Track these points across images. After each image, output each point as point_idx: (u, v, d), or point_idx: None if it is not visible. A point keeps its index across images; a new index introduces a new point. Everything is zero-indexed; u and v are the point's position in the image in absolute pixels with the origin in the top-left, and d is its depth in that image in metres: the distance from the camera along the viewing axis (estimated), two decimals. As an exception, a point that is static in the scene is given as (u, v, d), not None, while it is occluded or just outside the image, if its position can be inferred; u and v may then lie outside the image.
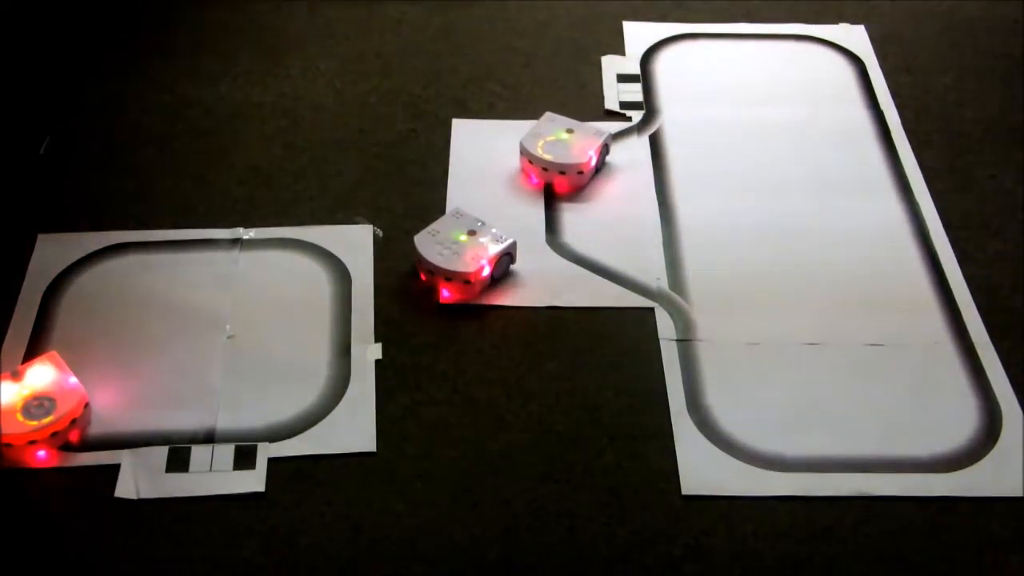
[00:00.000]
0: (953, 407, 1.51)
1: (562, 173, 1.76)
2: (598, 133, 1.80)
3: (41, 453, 1.42)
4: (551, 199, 1.78)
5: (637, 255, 1.70)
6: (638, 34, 2.11)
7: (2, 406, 1.42)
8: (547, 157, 1.76)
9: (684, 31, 2.12)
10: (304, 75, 2.01)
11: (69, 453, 1.43)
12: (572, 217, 1.76)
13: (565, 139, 1.78)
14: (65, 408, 1.43)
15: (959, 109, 1.97)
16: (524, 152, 1.78)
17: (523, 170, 1.80)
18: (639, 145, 1.89)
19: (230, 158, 1.85)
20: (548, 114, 1.83)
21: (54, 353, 1.48)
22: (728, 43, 2.10)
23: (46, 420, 1.42)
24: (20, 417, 1.42)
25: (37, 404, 1.43)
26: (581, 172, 1.77)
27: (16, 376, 1.45)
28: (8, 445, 1.40)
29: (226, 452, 1.44)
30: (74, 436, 1.44)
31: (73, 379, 1.46)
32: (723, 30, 2.12)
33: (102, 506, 1.38)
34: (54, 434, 1.42)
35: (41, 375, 1.46)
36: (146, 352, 1.55)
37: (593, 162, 1.78)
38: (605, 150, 1.80)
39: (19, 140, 1.87)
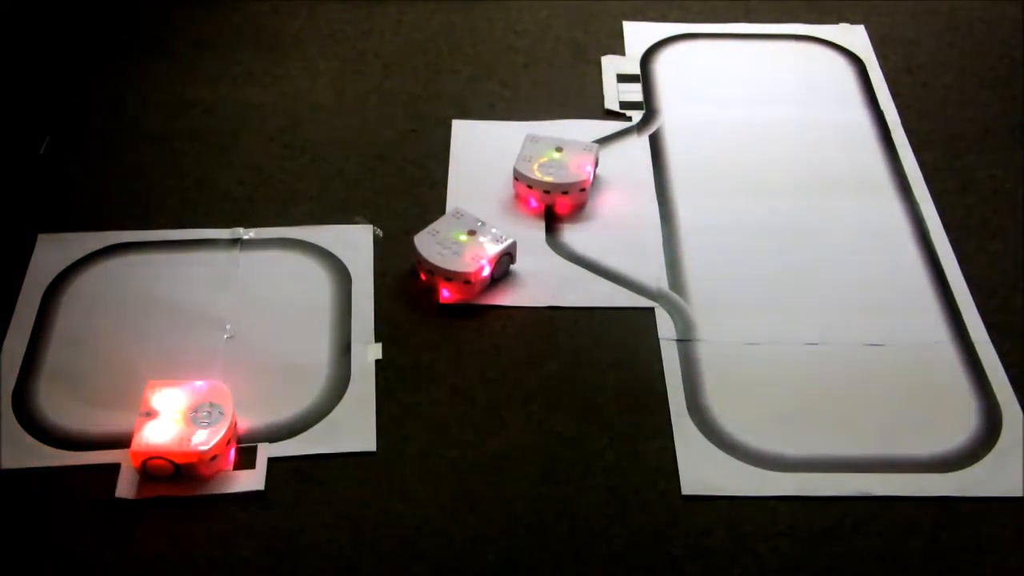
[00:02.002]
0: (953, 407, 1.51)
1: (564, 193, 1.74)
2: (588, 147, 1.79)
3: (232, 450, 1.44)
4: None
5: (637, 255, 1.70)
6: (638, 34, 2.11)
7: (177, 438, 1.39)
8: (547, 179, 1.74)
9: (684, 31, 2.12)
10: (304, 75, 2.01)
11: (72, 452, 1.44)
12: (572, 217, 1.76)
13: (559, 158, 1.76)
14: (227, 402, 1.44)
15: (959, 109, 1.97)
16: (521, 177, 1.75)
17: (519, 196, 1.77)
18: (639, 145, 1.89)
19: (230, 158, 1.85)
20: (528, 134, 1.81)
21: (151, 381, 1.46)
22: (728, 43, 2.10)
23: (227, 417, 1.42)
24: (179, 423, 1.41)
25: (204, 415, 1.42)
26: (583, 189, 1.76)
27: (150, 415, 1.42)
28: (215, 457, 1.40)
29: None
30: (241, 425, 1.46)
31: (199, 382, 1.46)
32: (723, 30, 2.12)
33: (102, 506, 1.38)
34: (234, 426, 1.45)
35: (170, 398, 1.44)
36: (146, 352, 1.55)
37: (592, 177, 1.77)
38: (596, 162, 1.79)
39: (19, 140, 1.87)
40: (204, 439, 1.39)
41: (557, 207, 1.76)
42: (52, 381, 1.52)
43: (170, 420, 1.41)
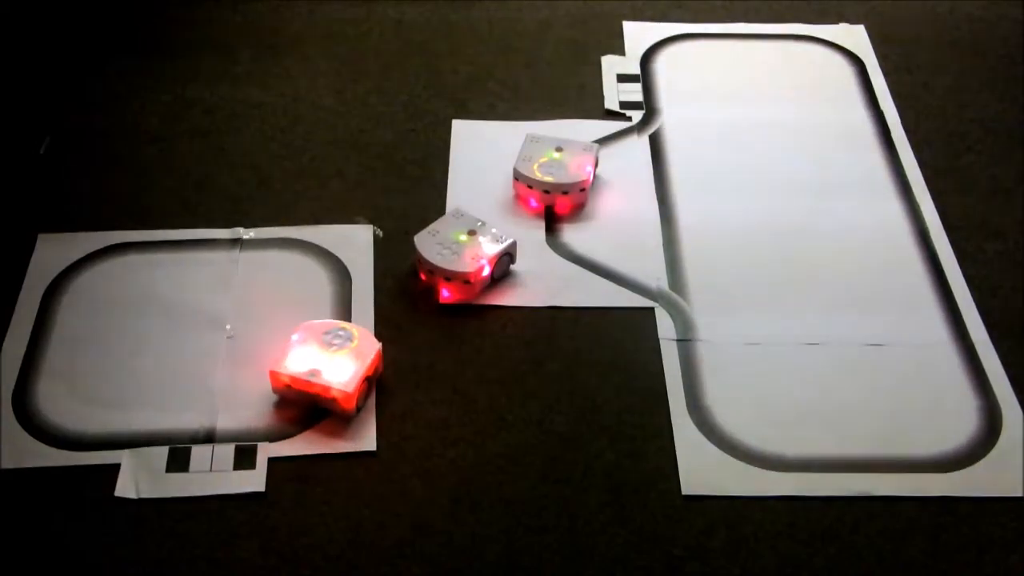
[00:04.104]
0: (953, 407, 1.51)
1: (564, 193, 1.74)
2: (588, 147, 1.79)
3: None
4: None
5: (637, 255, 1.70)
6: (638, 34, 2.12)
7: (353, 364, 1.47)
8: (547, 179, 1.73)
9: (684, 31, 2.12)
10: (304, 75, 2.01)
11: (72, 452, 1.44)
12: (572, 217, 1.76)
13: (559, 158, 1.76)
14: (333, 323, 1.52)
15: (959, 109, 1.97)
16: (521, 178, 1.75)
17: (519, 196, 1.77)
18: (639, 145, 1.89)
19: (230, 158, 1.85)
20: (528, 134, 1.81)
21: (272, 371, 1.48)
22: (728, 43, 2.10)
23: (348, 325, 1.52)
24: (345, 351, 1.48)
25: (337, 340, 1.49)
26: (583, 190, 1.75)
27: (315, 373, 1.46)
28: (376, 374, 1.49)
29: (226, 452, 1.44)
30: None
31: (293, 336, 1.51)
32: (723, 30, 2.12)
33: (102, 506, 1.38)
34: None
35: (301, 356, 1.48)
36: (146, 352, 1.55)
37: (592, 177, 1.77)
38: (596, 162, 1.79)
39: (19, 140, 1.87)
40: (366, 341, 1.50)
41: (557, 207, 1.76)
42: (52, 381, 1.52)
43: (333, 362, 1.47)
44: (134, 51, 2.05)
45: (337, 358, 1.47)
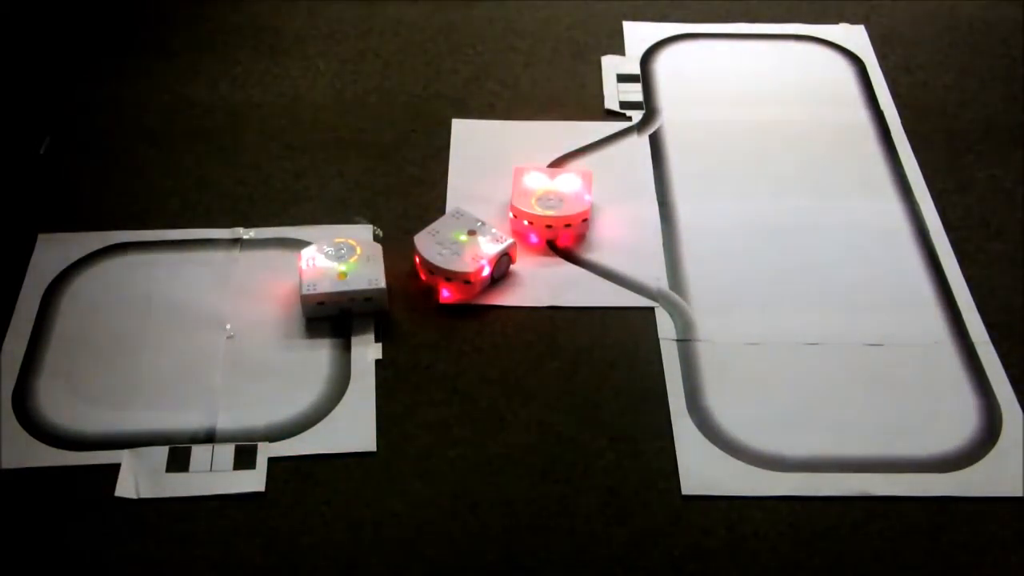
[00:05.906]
0: (953, 407, 1.51)
1: (567, 227, 1.71)
2: (582, 173, 1.75)
3: None
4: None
5: (637, 255, 1.70)
6: (638, 34, 2.12)
7: (367, 259, 1.60)
8: (549, 213, 1.69)
9: (684, 31, 2.12)
10: (304, 75, 2.01)
11: (72, 452, 1.44)
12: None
13: (555, 189, 1.72)
14: (325, 243, 1.63)
15: (959, 109, 1.97)
16: (519, 214, 1.70)
17: (516, 232, 1.71)
18: (639, 145, 1.89)
19: (230, 158, 1.85)
20: (515, 168, 1.76)
21: (305, 294, 1.56)
22: (728, 43, 2.10)
23: (357, 244, 1.62)
24: (355, 259, 1.60)
25: (341, 252, 1.61)
26: (585, 220, 1.73)
27: (344, 275, 1.58)
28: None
29: (226, 452, 1.44)
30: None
31: (301, 265, 1.60)
32: (723, 30, 2.12)
33: (102, 506, 1.38)
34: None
35: (324, 273, 1.58)
36: (146, 352, 1.55)
37: (590, 205, 1.73)
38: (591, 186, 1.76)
39: (19, 140, 1.87)
40: (369, 246, 1.62)
41: (559, 241, 1.71)
42: (52, 381, 1.52)
43: (354, 270, 1.58)
44: (134, 51, 2.05)
45: (354, 266, 1.59)
